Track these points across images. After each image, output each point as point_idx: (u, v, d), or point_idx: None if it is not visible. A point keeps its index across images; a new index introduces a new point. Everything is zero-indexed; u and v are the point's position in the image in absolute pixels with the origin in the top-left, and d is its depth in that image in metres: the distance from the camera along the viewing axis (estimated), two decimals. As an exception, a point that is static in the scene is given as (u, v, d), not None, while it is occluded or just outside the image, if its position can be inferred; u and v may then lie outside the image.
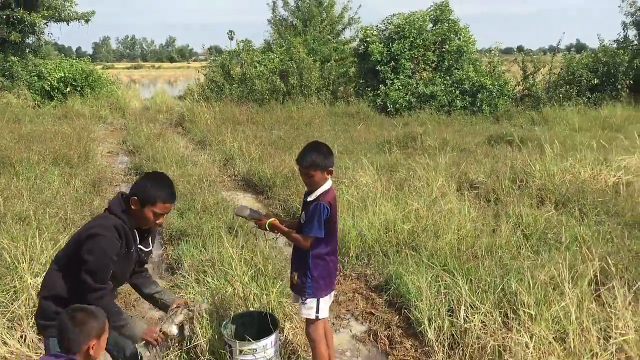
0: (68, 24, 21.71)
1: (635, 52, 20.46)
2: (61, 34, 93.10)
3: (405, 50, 17.99)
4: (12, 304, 4.33)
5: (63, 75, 20.30)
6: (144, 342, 3.33)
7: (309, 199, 3.58)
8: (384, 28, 19.27)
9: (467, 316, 4.25)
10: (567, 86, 18.02)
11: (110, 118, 18.56)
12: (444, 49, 18.29)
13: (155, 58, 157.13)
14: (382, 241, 5.95)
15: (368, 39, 18.68)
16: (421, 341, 4.34)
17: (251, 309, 4.40)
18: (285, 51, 20.93)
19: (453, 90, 17.41)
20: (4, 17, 19.63)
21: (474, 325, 4.10)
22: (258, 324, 4.14)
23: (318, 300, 3.64)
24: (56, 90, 20.05)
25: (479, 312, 4.21)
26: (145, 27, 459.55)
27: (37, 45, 22.50)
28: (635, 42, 21.81)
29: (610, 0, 39.38)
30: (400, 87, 17.58)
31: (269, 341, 3.80)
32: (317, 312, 3.66)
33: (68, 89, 20.24)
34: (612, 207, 6.85)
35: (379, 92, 17.86)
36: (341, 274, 5.69)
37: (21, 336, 4.10)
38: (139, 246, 3.37)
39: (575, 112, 16.38)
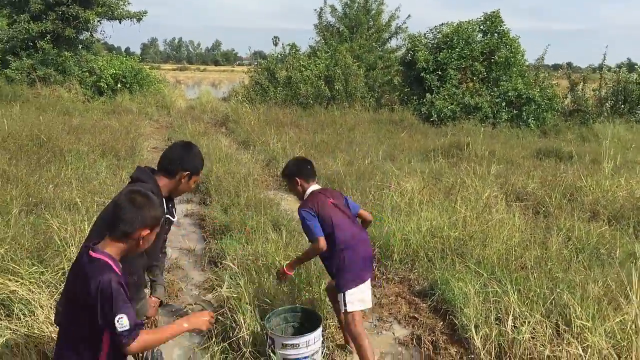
0: (120, 22, 22.20)
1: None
2: (113, 31, 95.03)
3: (453, 60, 17.78)
4: (60, 284, 4.40)
5: (114, 72, 20.77)
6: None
7: None
8: (432, 37, 19.12)
9: (515, 326, 4.12)
10: (619, 102, 17.52)
11: (156, 115, 18.88)
12: (492, 60, 18.00)
13: (200, 61, 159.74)
14: (428, 247, 5.84)
15: (415, 48, 18.54)
16: (467, 348, 4.22)
17: (295, 304, 4.35)
18: (330, 57, 20.96)
19: (499, 102, 17.10)
20: (60, 13, 20.21)
21: (524, 335, 3.97)
22: (301, 320, 4.11)
23: (343, 294, 3.74)
24: (106, 86, 20.52)
25: (529, 323, 4.08)
26: (192, 30, 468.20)
27: (90, 42, 23.08)
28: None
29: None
30: (447, 97, 17.37)
31: (312, 337, 3.76)
32: (345, 305, 3.75)
33: (118, 86, 20.70)
34: (669, 226, 6.59)
35: (424, 100, 17.67)
36: (384, 277, 5.61)
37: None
38: (167, 216, 3.29)
39: (627, 128, 15.90)
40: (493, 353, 4.01)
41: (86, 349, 2.27)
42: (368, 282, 3.92)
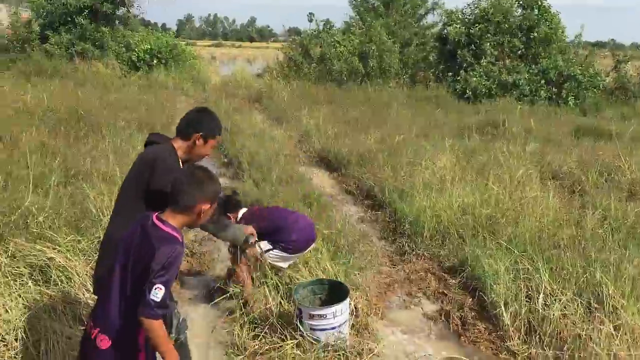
0: (156, -2, 22.38)
1: None
2: (149, 6, 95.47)
3: (489, 35, 17.37)
4: (95, 253, 4.51)
5: (149, 47, 20.98)
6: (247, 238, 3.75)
7: None
8: (470, 12, 18.71)
9: (546, 303, 4.08)
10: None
11: (191, 91, 19.03)
12: (531, 36, 17.52)
13: (235, 37, 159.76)
14: (459, 223, 5.79)
15: (451, 22, 18.19)
16: (495, 325, 4.20)
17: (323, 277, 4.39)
18: (364, 33, 20.72)
19: (538, 80, 16.68)
20: (97, -12, 20.47)
21: (554, 313, 3.93)
22: (329, 292, 4.14)
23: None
24: (142, 62, 20.75)
25: (559, 301, 4.03)
26: (227, 7, 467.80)
27: (127, 18, 23.32)
28: None
29: None
30: (482, 74, 17.02)
31: (339, 308, 3.78)
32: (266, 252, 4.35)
33: (154, 61, 20.91)
34: None
35: (458, 78, 17.37)
36: (414, 253, 5.60)
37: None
38: None
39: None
40: (522, 330, 3.98)
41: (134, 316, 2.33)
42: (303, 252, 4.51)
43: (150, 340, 2.31)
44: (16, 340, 3.60)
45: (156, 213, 2.42)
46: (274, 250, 4.36)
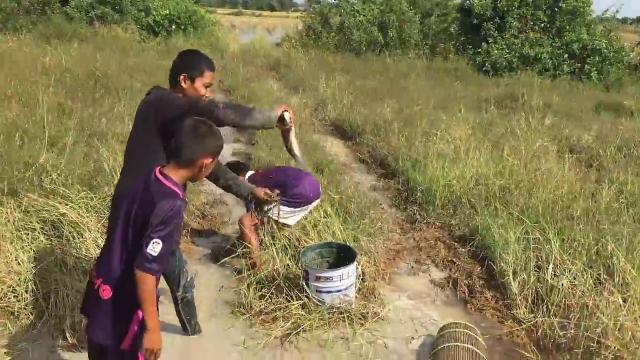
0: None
1: None
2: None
3: (514, 7, 16.99)
4: (107, 211, 4.56)
5: (168, 12, 20.88)
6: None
7: None
8: (494, -17, 18.26)
9: (555, 274, 4.05)
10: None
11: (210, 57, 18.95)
12: (556, 9, 17.09)
13: (256, 6, 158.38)
14: (471, 193, 5.75)
15: (475, -6, 17.81)
16: (503, 293, 4.19)
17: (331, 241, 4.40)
18: (385, 2, 20.40)
19: (561, 54, 16.32)
20: (117, -49, 20.36)
21: (563, 283, 3.90)
22: (337, 256, 4.16)
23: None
24: (161, 27, 20.67)
25: (569, 271, 4.00)
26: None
27: (146, -18, 23.21)
28: None
29: None
30: (504, 47, 16.69)
31: (346, 271, 3.79)
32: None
33: (173, 27, 20.82)
34: None
35: (480, 50, 17.06)
36: (425, 221, 5.57)
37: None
38: None
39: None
40: (529, 299, 3.96)
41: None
42: (308, 207, 4.53)
43: (138, 294, 2.28)
44: (26, 292, 3.68)
45: (159, 167, 2.42)
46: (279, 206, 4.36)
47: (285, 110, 3.24)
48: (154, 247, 2.22)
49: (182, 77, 3.05)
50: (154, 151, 2.91)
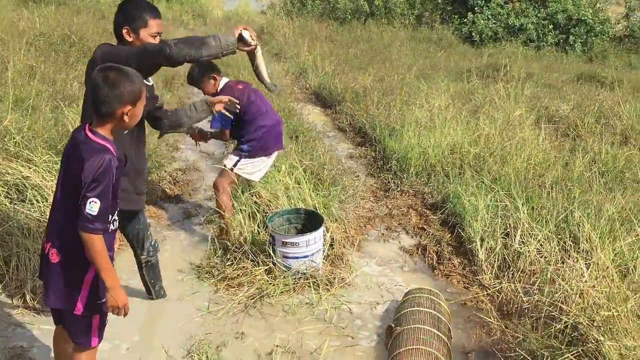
0: None
1: None
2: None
3: (501, -23, 16.77)
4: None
5: (150, -24, 20.40)
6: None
7: None
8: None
9: (522, 241, 4.05)
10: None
11: (191, 24, 18.62)
12: (543, -21, 16.89)
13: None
14: (445, 162, 5.72)
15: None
16: (470, 260, 4.19)
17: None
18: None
19: (546, 24, 16.20)
20: None
21: (529, 250, 3.91)
22: (304, 222, 4.13)
23: (240, 158, 4.30)
24: (143, -9, 20.20)
25: (536, 238, 4.01)
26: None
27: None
28: None
29: None
30: (490, 17, 16.53)
31: (312, 237, 3.77)
32: (234, 165, 4.28)
33: (154, -8, 20.37)
34: None
35: (465, 20, 16.89)
36: (398, 189, 5.55)
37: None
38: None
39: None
40: (495, 265, 3.97)
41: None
42: (270, 159, 4.45)
43: (88, 255, 2.24)
44: (-14, 254, 3.62)
45: (87, 123, 2.32)
46: (241, 161, 4.29)
47: (244, 29, 3.03)
48: (92, 207, 2.16)
49: (124, 30, 2.93)
50: None
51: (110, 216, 2.29)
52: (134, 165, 3.06)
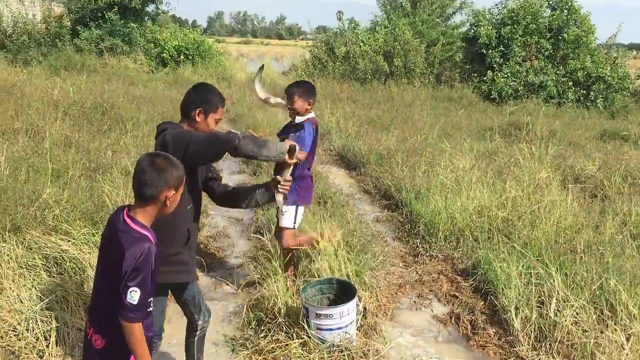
0: (185, -5, 22.58)
1: None
2: (178, 4, 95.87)
3: (518, 35, 17.10)
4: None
5: (177, 44, 21.18)
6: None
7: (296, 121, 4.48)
8: (497, 12, 18.46)
9: (558, 310, 4.01)
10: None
11: (216, 87, 19.12)
12: (560, 37, 17.19)
13: (264, 35, 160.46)
14: (474, 226, 5.73)
15: (479, 23, 17.96)
16: (506, 330, 4.15)
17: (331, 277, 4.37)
18: (389, 32, 20.62)
19: (565, 81, 16.38)
20: (127, -16, 20.78)
21: (566, 319, 3.86)
22: (337, 292, 4.14)
23: (297, 207, 4.47)
24: (170, 58, 20.96)
25: (572, 307, 3.96)
26: (257, 4, 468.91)
27: (156, 14, 23.61)
28: None
29: None
30: (509, 75, 16.77)
31: (346, 308, 3.77)
32: (295, 220, 4.46)
33: (181, 57, 21.10)
34: None
35: (485, 78, 17.15)
36: (427, 254, 5.55)
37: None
38: None
39: None
40: (532, 335, 3.92)
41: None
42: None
43: (128, 343, 2.28)
44: (27, 330, 3.68)
45: (126, 208, 2.40)
46: (298, 209, 4.50)
47: (294, 144, 3.15)
48: (133, 296, 2.22)
49: (197, 111, 3.11)
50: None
51: (150, 304, 2.34)
52: (194, 239, 3.17)
